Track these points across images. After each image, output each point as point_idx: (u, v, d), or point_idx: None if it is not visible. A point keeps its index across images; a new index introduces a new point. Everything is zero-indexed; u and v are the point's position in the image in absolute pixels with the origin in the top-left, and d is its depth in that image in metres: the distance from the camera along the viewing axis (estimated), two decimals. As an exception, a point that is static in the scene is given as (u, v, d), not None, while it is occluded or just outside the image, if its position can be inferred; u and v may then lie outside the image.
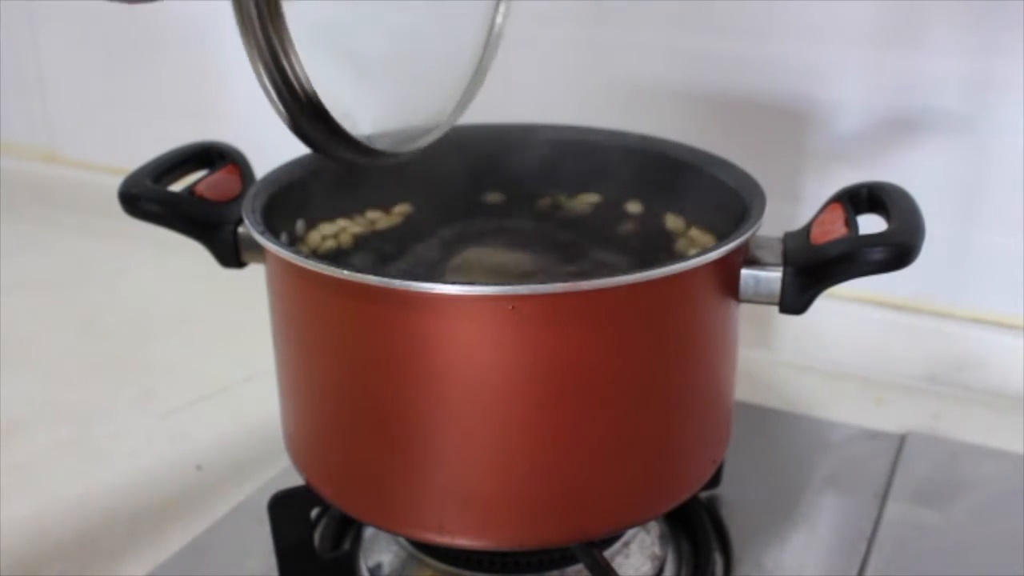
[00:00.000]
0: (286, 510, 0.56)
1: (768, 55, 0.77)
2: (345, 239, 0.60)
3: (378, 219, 0.62)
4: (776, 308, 0.50)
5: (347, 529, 0.63)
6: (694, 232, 0.59)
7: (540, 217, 0.63)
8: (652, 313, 0.47)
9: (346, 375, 0.49)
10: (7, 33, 1.12)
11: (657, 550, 0.59)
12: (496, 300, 0.44)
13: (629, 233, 0.61)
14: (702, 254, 0.46)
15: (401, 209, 0.62)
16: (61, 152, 1.16)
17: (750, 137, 0.78)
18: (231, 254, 0.56)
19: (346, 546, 0.61)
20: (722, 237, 0.49)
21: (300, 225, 0.59)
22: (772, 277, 0.49)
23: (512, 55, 0.85)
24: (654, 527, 0.60)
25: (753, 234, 0.49)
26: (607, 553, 0.56)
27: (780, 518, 0.64)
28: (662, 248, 0.59)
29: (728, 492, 0.65)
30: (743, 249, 0.50)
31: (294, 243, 0.58)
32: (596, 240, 0.60)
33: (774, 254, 0.50)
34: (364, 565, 0.59)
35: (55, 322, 0.92)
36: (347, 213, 0.61)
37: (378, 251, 0.59)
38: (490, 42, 0.52)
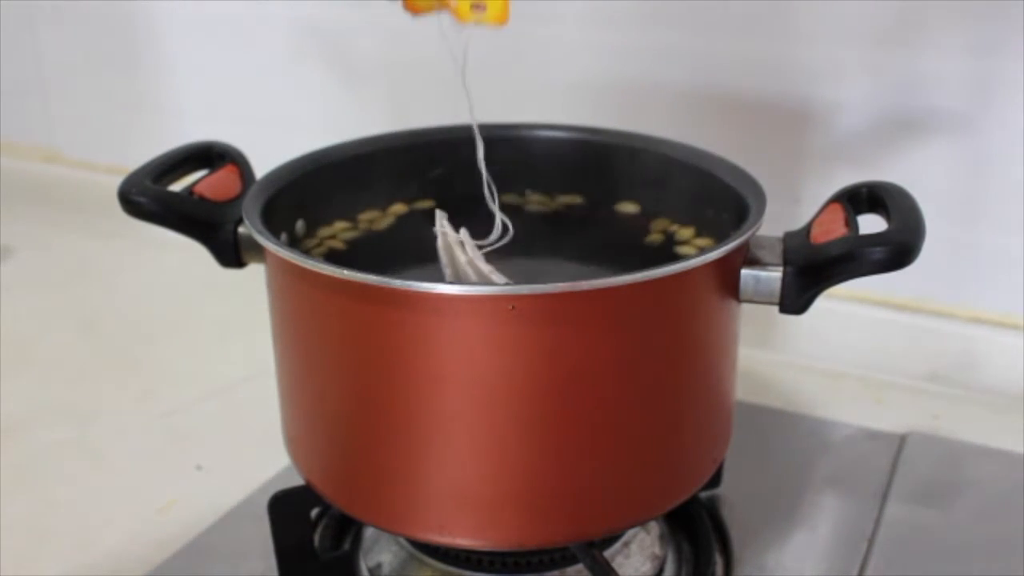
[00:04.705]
0: (286, 510, 0.56)
1: (768, 55, 0.77)
2: (345, 239, 0.60)
3: (377, 219, 0.62)
4: (776, 308, 0.50)
5: (347, 529, 0.63)
6: (693, 232, 0.59)
7: (537, 216, 0.63)
8: (652, 313, 0.47)
9: (346, 375, 0.49)
10: (7, 33, 1.12)
11: (657, 550, 0.59)
12: (496, 300, 0.44)
13: (628, 233, 0.61)
14: (702, 254, 0.46)
15: (396, 209, 0.62)
16: (61, 152, 1.16)
17: (750, 137, 0.78)
18: (231, 254, 0.56)
19: (346, 546, 0.61)
20: (721, 237, 0.49)
21: (300, 225, 0.59)
22: (772, 277, 0.49)
23: (512, 55, 0.85)
24: (654, 527, 0.60)
25: (753, 234, 0.49)
26: (607, 553, 0.56)
27: (780, 518, 0.64)
28: (662, 248, 0.59)
29: (728, 492, 0.65)
30: (743, 249, 0.50)
31: (294, 243, 0.58)
32: (595, 240, 0.60)
33: (774, 254, 0.50)
34: (364, 565, 0.59)
35: (55, 322, 0.92)
36: (347, 213, 0.61)
37: (378, 251, 0.59)
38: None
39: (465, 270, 0.52)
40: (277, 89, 0.98)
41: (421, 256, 0.59)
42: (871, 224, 0.50)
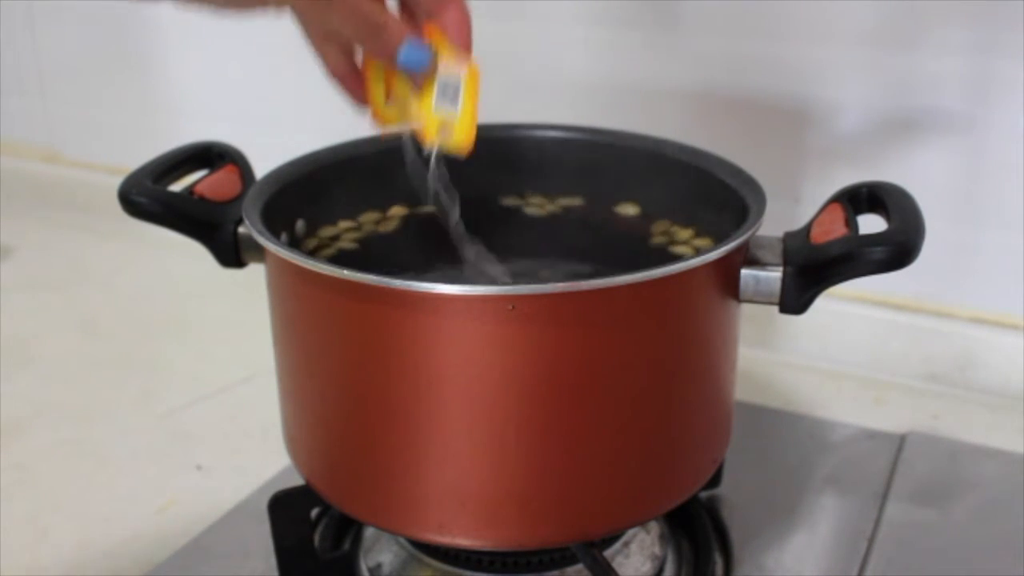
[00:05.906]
0: (286, 510, 0.56)
1: (768, 55, 0.77)
2: (346, 240, 0.60)
3: (377, 220, 0.62)
4: (776, 308, 0.50)
5: (347, 529, 0.63)
6: (693, 233, 0.59)
7: (537, 217, 0.63)
8: (652, 313, 0.47)
9: (346, 375, 0.49)
10: (7, 33, 1.12)
11: (657, 550, 0.59)
12: (496, 300, 0.44)
13: (628, 234, 0.61)
14: (702, 254, 0.46)
15: (396, 210, 0.62)
16: (61, 152, 1.16)
17: (750, 137, 0.78)
18: (231, 254, 0.56)
19: (346, 546, 0.61)
20: (721, 238, 0.49)
21: (300, 225, 0.59)
22: (772, 277, 0.49)
23: (512, 55, 0.85)
24: (654, 527, 0.60)
25: (753, 234, 0.49)
26: (607, 553, 0.56)
27: (780, 518, 0.64)
28: (661, 248, 0.59)
29: (728, 492, 0.65)
30: (743, 249, 0.50)
31: (294, 243, 0.58)
32: (595, 241, 0.60)
33: (774, 254, 0.50)
34: (364, 565, 0.59)
35: (55, 322, 0.92)
36: (347, 214, 0.61)
37: (379, 251, 0.59)
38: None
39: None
40: (277, 89, 0.98)
41: (422, 256, 0.59)
42: (871, 224, 0.50)
